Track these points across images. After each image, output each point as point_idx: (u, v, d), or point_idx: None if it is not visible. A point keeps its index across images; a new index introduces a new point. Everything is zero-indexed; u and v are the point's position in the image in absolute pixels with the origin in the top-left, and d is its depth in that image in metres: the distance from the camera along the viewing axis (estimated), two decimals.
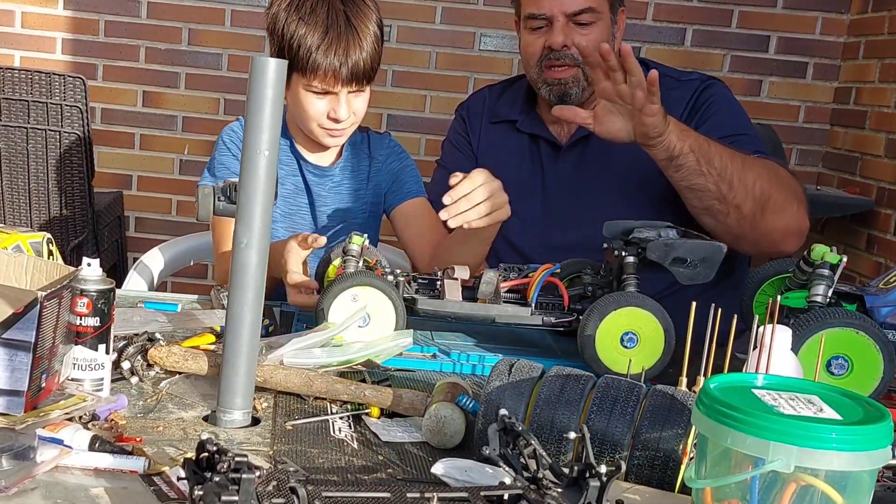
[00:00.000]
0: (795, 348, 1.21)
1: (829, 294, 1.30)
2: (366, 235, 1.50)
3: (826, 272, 1.31)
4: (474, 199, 1.56)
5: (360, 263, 1.46)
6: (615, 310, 1.36)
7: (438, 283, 1.48)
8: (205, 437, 0.82)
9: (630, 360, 1.30)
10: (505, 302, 1.46)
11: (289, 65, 1.73)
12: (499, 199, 1.60)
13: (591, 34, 1.87)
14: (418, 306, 1.45)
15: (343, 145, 1.92)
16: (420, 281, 1.49)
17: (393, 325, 1.40)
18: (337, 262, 1.50)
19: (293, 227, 1.88)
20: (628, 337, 1.37)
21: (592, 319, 1.36)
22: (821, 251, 1.32)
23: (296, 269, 1.53)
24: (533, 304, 1.45)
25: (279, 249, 1.53)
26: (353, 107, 1.78)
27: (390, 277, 1.45)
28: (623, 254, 1.42)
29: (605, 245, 1.47)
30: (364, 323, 1.40)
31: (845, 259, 1.32)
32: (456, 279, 1.48)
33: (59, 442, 0.97)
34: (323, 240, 1.52)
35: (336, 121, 1.77)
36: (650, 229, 1.46)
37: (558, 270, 1.49)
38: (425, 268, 1.86)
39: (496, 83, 2.20)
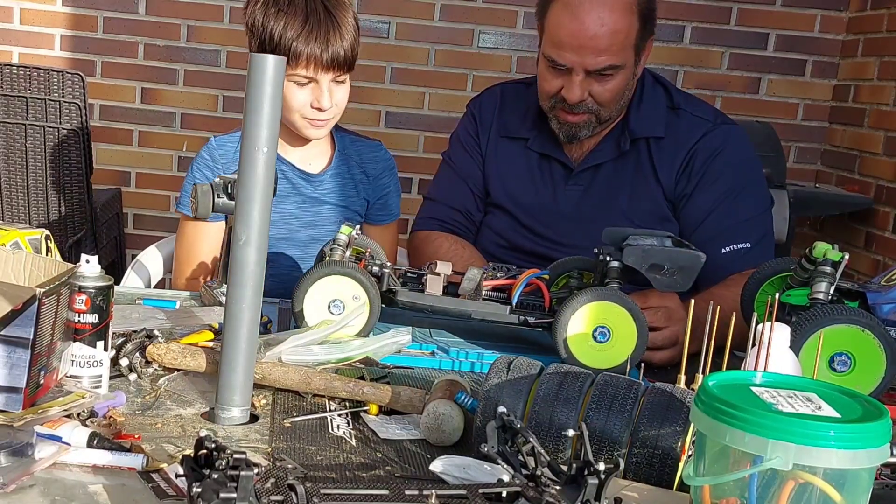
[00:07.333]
0: (798, 345, 1.21)
1: (832, 291, 1.30)
2: (357, 227, 1.51)
3: (828, 269, 1.30)
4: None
5: (348, 253, 1.47)
6: (587, 303, 1.35)
7: (423, 277, 1.49)
8: (203, 434, 0.82)
9: (628, 356, 1.29)
10: (486, 299, 1.46)
11: None
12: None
13: (609, 84, 1.81)
14: (398, 297, 1.45)
15: (333, 154, 1.94)
16: (409, 275, 1.50)
17: (368, 310, 1.42)
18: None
19: (278, 233, 1.89)
20: (600, 331, 1.36)
21: (565, 313, 1.36)
22: (822, 248, 1.32)
23: None
24: (514, 304, 1.45)
25: None
26: (335, 97, 1.81)
27: (375, 269, 1.46)
28: (608, 258, 1.41)
29: (596, 250, 1.46)
30: (339, 311, 1.42)
31: (847, 256, 1.31)
32: (439, 274, 1.48)
33: (58, 439, 0.97)
34: None
35: (320, 110, 1.80)
36: (648, 237, 1.43)
37: (546, 276, 1.48)
38: None
39: (509, 82, 2.13)
